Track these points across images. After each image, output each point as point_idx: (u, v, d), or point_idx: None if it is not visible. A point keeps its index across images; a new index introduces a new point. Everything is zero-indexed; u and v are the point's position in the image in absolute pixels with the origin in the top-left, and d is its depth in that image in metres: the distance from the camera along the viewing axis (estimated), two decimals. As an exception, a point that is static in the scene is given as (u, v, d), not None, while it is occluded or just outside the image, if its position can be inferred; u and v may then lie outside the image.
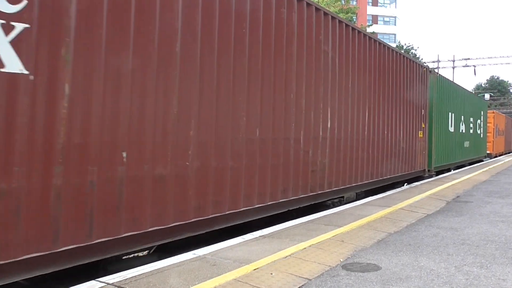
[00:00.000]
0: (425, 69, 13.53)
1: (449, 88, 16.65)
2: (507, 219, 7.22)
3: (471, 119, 20.32)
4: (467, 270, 4.40)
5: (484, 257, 4.88)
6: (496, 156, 29.87)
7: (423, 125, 12.89)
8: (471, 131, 20.34)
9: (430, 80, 13.99)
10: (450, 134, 16.48)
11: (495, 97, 73.52)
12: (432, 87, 14.09)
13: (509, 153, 37.84)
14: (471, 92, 21.34)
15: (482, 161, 23.52)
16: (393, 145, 10.72)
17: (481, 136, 23.25)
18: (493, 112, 30.85)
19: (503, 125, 34.17)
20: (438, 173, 15.40)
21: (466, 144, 19.28)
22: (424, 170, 13.44)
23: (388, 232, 5.99)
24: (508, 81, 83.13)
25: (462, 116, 18.45)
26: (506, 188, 11.63)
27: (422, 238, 5.75)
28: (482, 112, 23.60)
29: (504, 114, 38.88)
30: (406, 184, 12.25)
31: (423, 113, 12.95)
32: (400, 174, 11.34)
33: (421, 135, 12.84)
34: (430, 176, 14.06)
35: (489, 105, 56.91)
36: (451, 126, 16.60)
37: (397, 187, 11.33)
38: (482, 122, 23.32)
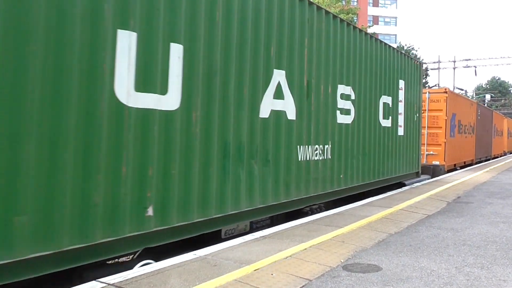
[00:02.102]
0: None
1: None
2: (508, 219, 7.22)
3: (349, 90, 8.52)
4: (468, 271, 4.40)
5: (485, 258, 4.88)
6: (451, 171, 16.65)
7: None
8: (349, 118, 8.53)
9: None
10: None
11: (496, 98, 73.47)
12: None
13: (486, 161, 24.38)
14: (359, 28, 9.23)
15: (404, 185, 11.54)
16: None
17: (401, 133, 11.04)
18: (446, 91, 16.11)
19: (471, 117, 20.07)
20: None
21: (304, 153, 7.10)
22: None
23: (388, 233, 5.99)
24: (509, 82, 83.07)
25: (285, 73, 6.56)
26: (507, 189, 11.61)
27: (423, 238, 5.74)
28: (402, 83, 11.19)
29: (475, 101, 23.90)
30: None
31: None
32: None
33: None
34: None
35: (489, 106, 56.72)
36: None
37: None
38: (405, 104, 11.27)
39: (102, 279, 3.80)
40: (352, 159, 8.60)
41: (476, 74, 59.13)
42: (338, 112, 8.08)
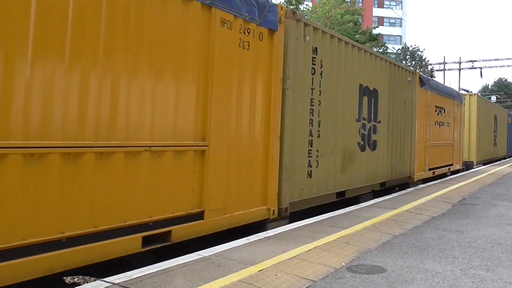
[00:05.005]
0: None
1: None
2: (514, 222, 7.18)
3: None
4: (473, 273, 4.38)
5: (490, 260, 4.85)
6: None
7: None
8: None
9: None
10: None
11: (502, 99, 73.06)
12: None
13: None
14: None
15: None
16: None
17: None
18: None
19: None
20: None
21: None
22: None
23: (393, 234, 5.97)
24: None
25: None
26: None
27: (428, 240, 5.72)
28: None
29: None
30: None
31: None
32: None
33: None
34: None
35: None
36: None
37: None
38: None
39: (106, 279, 3.81)
40: None
41: (481, 76, 58.71)
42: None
